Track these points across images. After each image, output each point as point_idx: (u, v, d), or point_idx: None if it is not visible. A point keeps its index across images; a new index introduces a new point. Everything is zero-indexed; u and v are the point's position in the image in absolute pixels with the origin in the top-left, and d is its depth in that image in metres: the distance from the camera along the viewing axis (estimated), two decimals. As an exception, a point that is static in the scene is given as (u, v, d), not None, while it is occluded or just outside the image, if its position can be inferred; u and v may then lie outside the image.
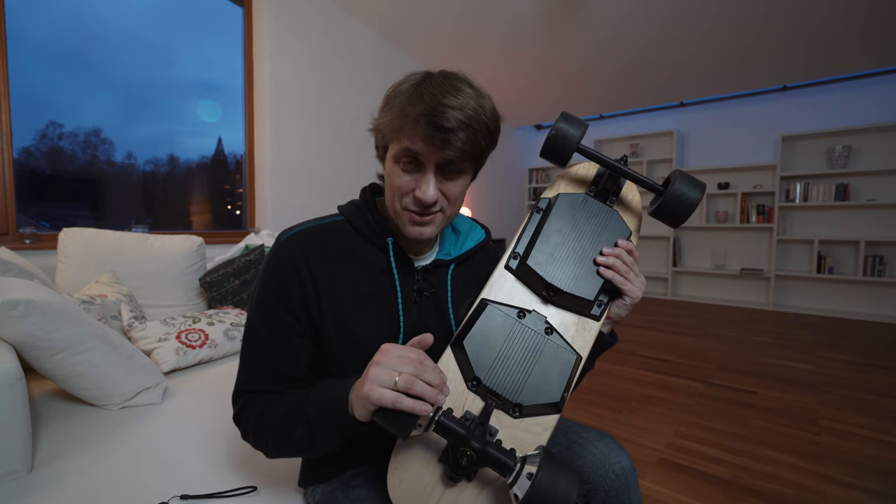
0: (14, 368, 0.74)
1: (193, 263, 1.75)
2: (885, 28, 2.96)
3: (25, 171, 1.80)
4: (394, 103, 0.56)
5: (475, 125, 0.54)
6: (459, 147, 0.54)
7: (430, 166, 0.56)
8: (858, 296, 3.97)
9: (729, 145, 4.58)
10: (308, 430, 0.53)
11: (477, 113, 0.54)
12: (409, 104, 0.54)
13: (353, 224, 0.65)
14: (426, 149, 0.55)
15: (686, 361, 2.51)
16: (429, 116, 0.52)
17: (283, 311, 0.59)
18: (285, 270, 0.59)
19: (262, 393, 0.60)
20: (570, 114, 0.63)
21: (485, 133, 0.56)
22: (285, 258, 0.60)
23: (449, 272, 0.68)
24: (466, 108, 0.53)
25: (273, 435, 0.56)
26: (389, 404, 0.45)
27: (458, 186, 0.59)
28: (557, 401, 0.55)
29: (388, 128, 0.57)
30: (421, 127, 0.53)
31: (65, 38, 1.88)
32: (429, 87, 0.54)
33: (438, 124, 0.52)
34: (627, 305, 0.61)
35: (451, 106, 0.52)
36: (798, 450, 1.51)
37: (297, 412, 0.54)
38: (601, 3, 2.71)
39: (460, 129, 0.53)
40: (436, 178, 0.57)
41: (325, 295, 0.60)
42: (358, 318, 0.61)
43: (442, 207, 0.60)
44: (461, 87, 0.55)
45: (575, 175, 0.69)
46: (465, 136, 0.53)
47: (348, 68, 2.93)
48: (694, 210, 0.59)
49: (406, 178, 0.57)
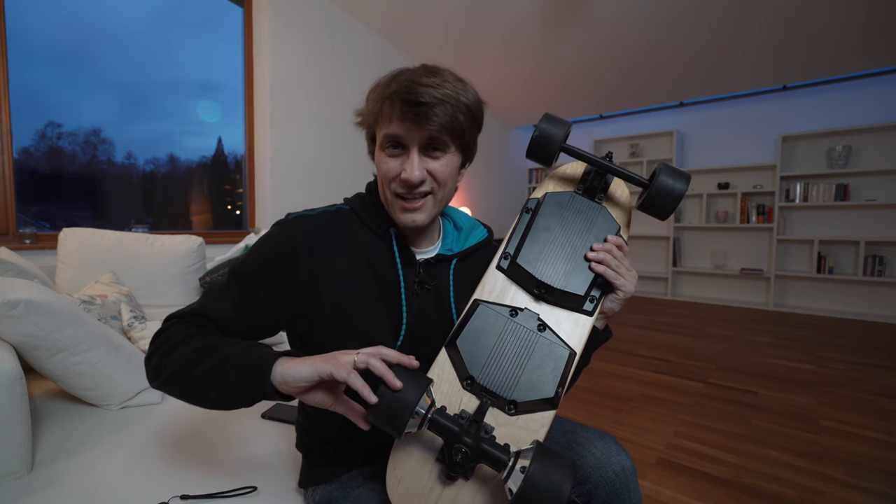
0: (14, 368, 0.74)
1: (193, 263, 1.75)
2: (885, 28, 2.96)
3: (25, 171, 1.80)
4: (373, 94, 0.59)
5: (451, 101, 0.55)
6: (437, 122, 0.55)
7: (413, 147, 0.57)
8: (858, 296, 3.97)
9: (729, 145, 4.58)
10: (214, 374, 0.50)
11: (455, 92, 0.56)
12: (385, 88, 0.56)
13: (357, 214, 0.66)
14: (405, 128, 0.56)
15: (686, 361, 2.51)
16: (402, 94, 0.54)
17: (261, 286, 0.58)
18: (284, 249, 0.60)
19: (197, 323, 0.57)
20: (553, 114, 0.64)
21: (464, 111, 0.57)
22: (286, 239, 0.60)
23: (451, 267, 0.68)
24: (442, 86, 0.55)
25: (184, 361, 0.52)
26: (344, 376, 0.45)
27: (444, 166, 0.60)
28: (552, 396, 0.55)
29: (369, 116, 0.60)
30: (397, 106, 0.54)
31: (64, 36, 1.88)
32: (405, 73, 0.57)
33: (411, 100, 0.53)
34: (620, 300, 0.62)
35: (424, 84, 0.54)
36: (798, 450, 1.51)
37: (217, 357, 0.51)
38: (601, 3, 2.71)
39: (436, 103, 0.54)
40: (420, 158, 0.58)
41: (324, 281, 0.60)
42: (359, 306, 0.61)
43: (432, 189, 0.60)
44: (440, 72, 0.57)
45: (563, 174, 0.70)
46: (441, 111, 0.54)
47: (348, 68, 2.93)
48: (679, 202, 0.60)
49: (392, 162, 0.59)
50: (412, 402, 0.47)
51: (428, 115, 0.54)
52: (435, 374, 0.57)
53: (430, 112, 0.54)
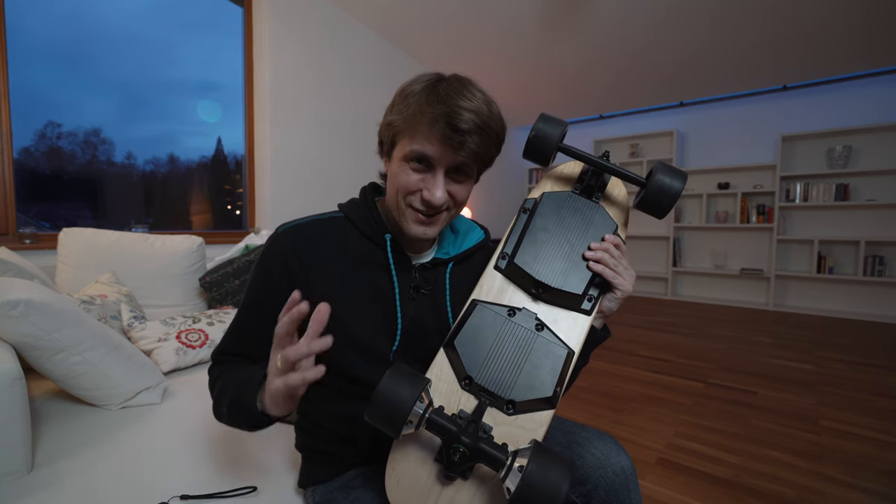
0: (14, 368, 0.74)
1: (193, 263, 1.75)
2: (885, 28, 2.96)
3: (25, 171, 1.80)
4: (409, 101, 0.56)
5: (488, 130, 0.56)
6: (473, 150, 0.55)
7: (441, 168, 0.57)
8: (858, 296, 3.97)
9: (729, 145, 4.58)
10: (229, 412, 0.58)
11: (489, 118, 0.56)
12: (428, 104, 0.54)
13: (351, 220, 0.66)
14: (440, 150, 0.56)
15: (686, 361, 2.51)
16: (447, 118, 0.53)
17: (270, 298, 0.61)
18: (275, 264, 0.61)
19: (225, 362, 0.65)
20: (549, 115, 0.64)
21: (495, 140, 0.59)
22: (277, 252, 0.62)
23: (447, 271, 0.68)
24: (480, 112, 0.55)
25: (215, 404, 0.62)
26: (284, 388, 0.45)
27: (465, 189, 0.61)
28: (550, 395, 0.55)
29: (402, 125, 0.57)
30: (438, 128, 0.54)
31: (64, 36, 1.88)
32: (444, 88, 0.55)
33: (456, 126, 0.53)
34: (618, 299, 0.62)
35: (466, 108, 0.53)
36: (798, 450, 1.51)
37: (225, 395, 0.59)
38: (601, 3, 2.71)
39: (475, 132, 0.54)
40: (444, 180, 0.58)
41: (318, 290, 0.60)
42: (353, 313, 0.61)
43: (448, 207, 0.61)
44: (474, 92, 0.56)
45: (560, 174, 0.70)
46: (478, 140, 0.55)
47: (348, 68, 2.93)
48: (676, 200, 0.60)
49: (414, 177, 0.58)
50: (409, 402, 0.47)
51: (465, 144, 0.55)
52: (433, 374, 0.57)
53: (468, 140, 0.54)
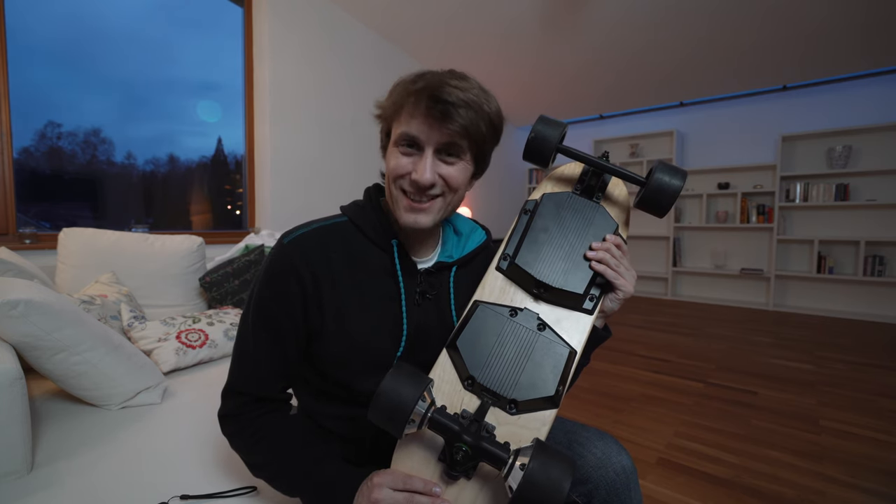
0: (14, 368, 0.74)
1: (193, 263, 1.75)
2: (885, 28, 2.96)
3: (25, 171, 1.80)
4: (398, 88, 0.58)
5: (476, 108, 0.55)
6: (459, 123, 0.54)
7: (429, 148, 0.56)
8: (858, 296, 3.97)
9: (729, 145, 4.58)
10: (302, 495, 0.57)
11: (479, 99, 0.56)
12: (412, 83, 0.56)
13: (356, 225, 0.65)
14: (426, 125, 0.55)
15: (686, 361, 2.51)
16: (429, 90, 0.53)
17: (282, 316, 0.58)
18: (286, 275, 0.58)
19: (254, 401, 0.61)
20: (548, 117, 0.65)
21: (487, 120, 0.57)
22: (286, 263, 0.59)
23: (451, 274, 0.68)
24: (469, 91, 0.55)
25: (271, 470, 0.59)
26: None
27: (457, 171, 0.59)
28: (552, 395, 0.55)
29: (390, 108, 0.59)
30: (422, 102, 0.54)
31: (64, 35, 1.87)
32: (433, 72, 0.56)
33: (438, 97, 0.53)
34: (620, 299, 0.62)
35: (452, 85, 0.54)
36: (798, 450, 1.51)
37: (303, 479, 0.57)
38: (600, 3, 2.71)
39: (461, 105, 0.53)
40: (434, 160, 0.57)
41: (326, 297, 0.59)
42: (360, 319, 0.60)
43: (442, 192, 0.59)
44: (467, 78, 0.56)
45: (561, 175, 0.70)
46: (465, 113, 0.54)
47: (348, 68, 2.93)
48: (676, 198, 0.60)
49: (404, 160, 0.58)
50: (411, 402, 0.47)
51: (451, 115, 0.53)
52: (436, 374, 0.57)
53: (453, 112, 0.53)
